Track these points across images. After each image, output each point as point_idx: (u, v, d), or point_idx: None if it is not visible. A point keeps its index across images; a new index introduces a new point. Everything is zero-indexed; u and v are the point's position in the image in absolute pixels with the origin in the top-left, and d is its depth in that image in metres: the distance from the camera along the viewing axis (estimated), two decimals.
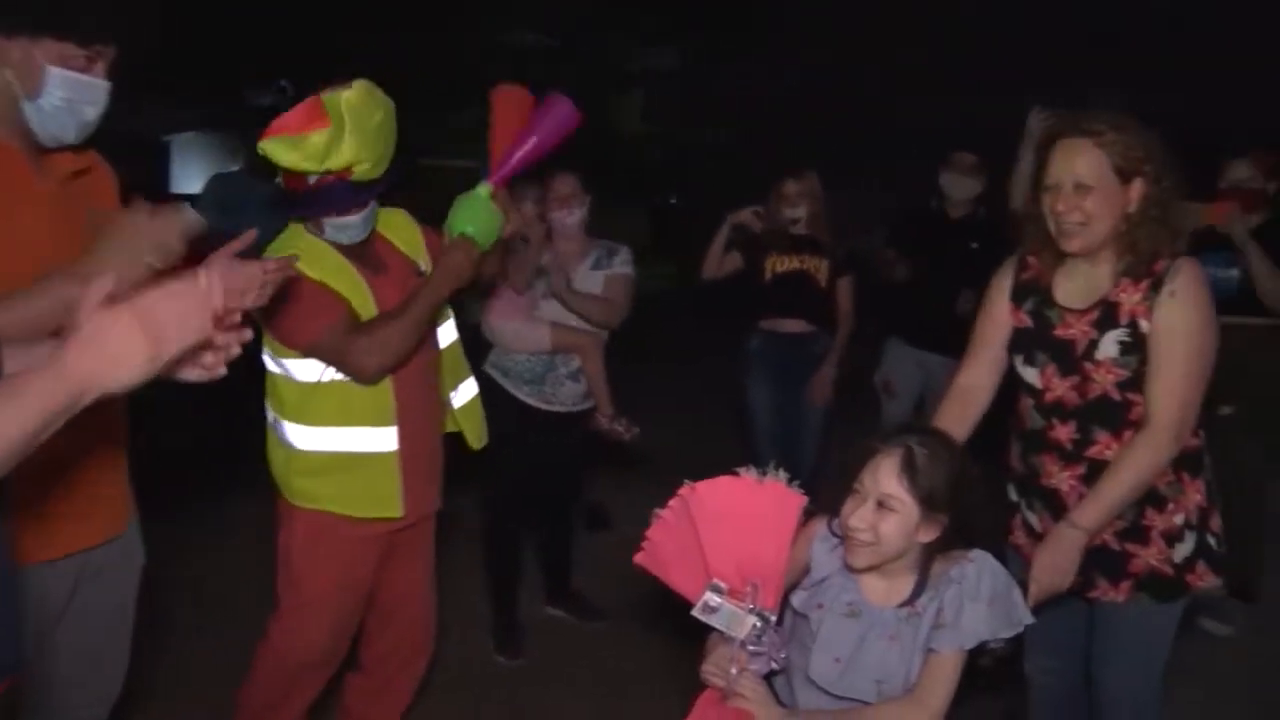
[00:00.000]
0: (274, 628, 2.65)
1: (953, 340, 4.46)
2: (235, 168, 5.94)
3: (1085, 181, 2.16)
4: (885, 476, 1.91)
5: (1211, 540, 2.31)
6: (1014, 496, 2.45)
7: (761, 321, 4.46)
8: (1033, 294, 2.35)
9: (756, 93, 13.27)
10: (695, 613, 1.92)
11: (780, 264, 4.38)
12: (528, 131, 2.64)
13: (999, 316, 2.40)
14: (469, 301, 3.76)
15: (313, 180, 2.36)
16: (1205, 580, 2.30)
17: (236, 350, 1.48)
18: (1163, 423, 2.16)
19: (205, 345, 1.38)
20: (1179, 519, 2.27)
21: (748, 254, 4.42)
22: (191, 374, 1.47)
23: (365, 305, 2.49)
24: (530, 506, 3.86)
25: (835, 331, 4.46)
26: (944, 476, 1.91)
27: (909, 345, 4.72)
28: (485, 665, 3.68)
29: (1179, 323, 2.16)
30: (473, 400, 2.86)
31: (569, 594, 4.08)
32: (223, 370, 1.48)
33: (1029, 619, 1.97)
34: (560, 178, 3.74)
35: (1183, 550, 2.27)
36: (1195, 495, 2.29)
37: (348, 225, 2.46)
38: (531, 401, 3.70)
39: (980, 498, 1.99)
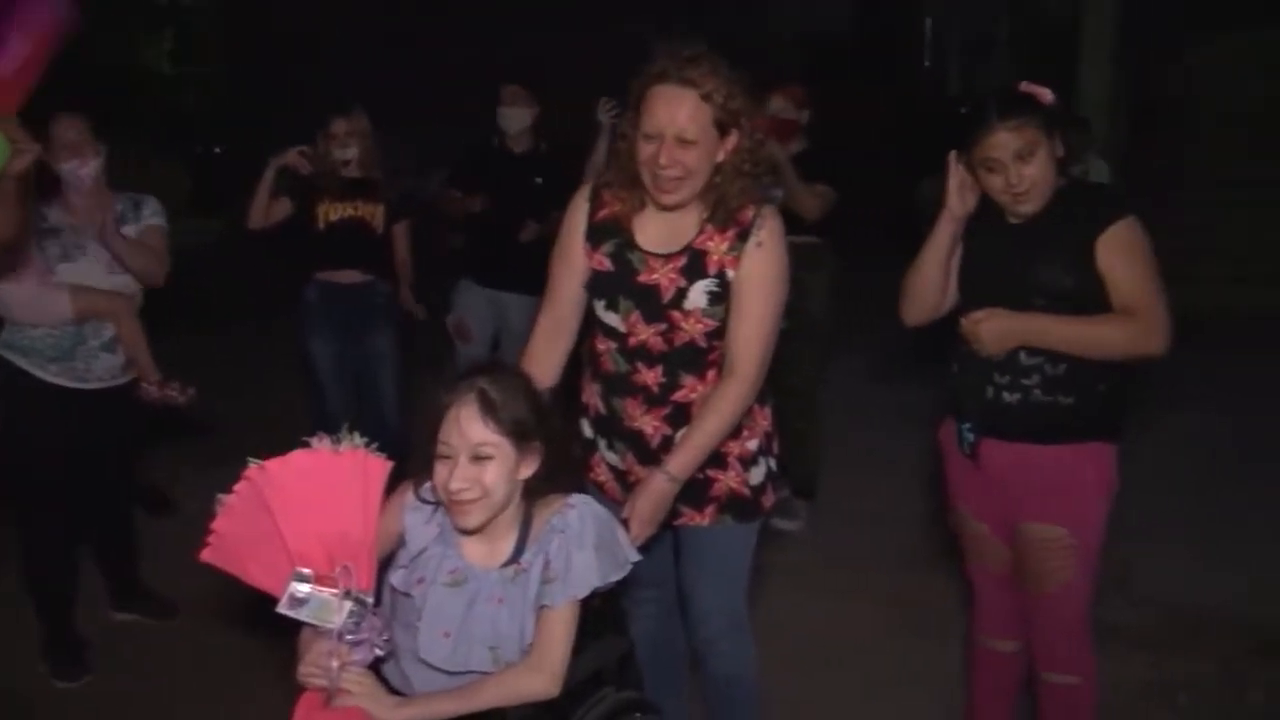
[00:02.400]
0: None
1: (523, 277, 4.56)
2: None
3: (688, 136, 2.09)
4: (469, 427, 1.81)
5: (773, 463, 2.42)
6: (589, 433, 2.42)
7: (317, 272, 4.21)
8: (612, 236, 2.26)
9: (297, 30, 12.60)
10: (281, 608, 1.72)
11: (333, 211, 4.15)
12: (4, 33, 2.19)
13: (574, 259, 2.31)
14: None
15: None
16: (770, 501, 2.43)
17: None
18: (747, 369, 2.19)
19: None
20: (752, 445, 2.34)
21: (298, 200, 4.13)
22: None
23: None
24: (77, 502, 3.38)
25: (394, 279, 4.31)
26: (525, 404, 1.85)
27: (479, 285, 4.68)
28: (42, 694, 3.20)
29: (764, 273, 2.18)
30: None
31: (138, 593, 3.65)
32: None
33: (636, 557, 1.96)
34: (64, 123, 3.23)
35: (757, 474, 2.36)
36: (764, 422, 2.37)
37: None
38: (61, 381, 3.22)
39: (561, 422, 1.97)
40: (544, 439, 1.88)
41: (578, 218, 2.31)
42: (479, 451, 1.81)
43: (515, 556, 1.89)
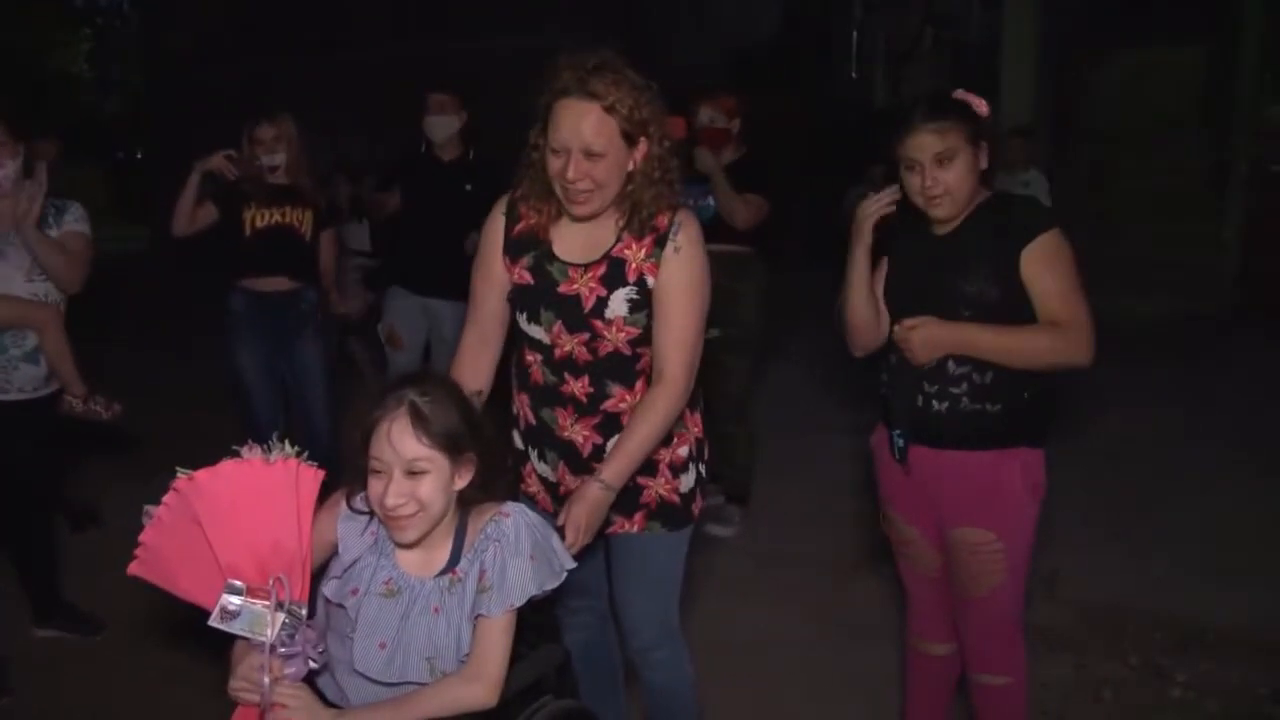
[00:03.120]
0: None
1: (453, 283, 4.54)
2: None
3: (595, 149, 2.07)
4: (401, 442, 1.78)
5: (703, 470, 2.40)
6: (521, 445, 2.39)
7: (243, 280, 4.15)
8: (531, 248, 2.24)
9: (218, 33, 12.39)
10: (213, 621, 1.68)
11: (261, 217, 4.08)
12: None
13: (495, 273, 2.29)
14: None
15: None
16: (700, 508, 2.40)
17: None
18: (676, 375, 2.18)
19: None
20: (683, 451, 2.32)
21: (224, 206, 4.06)
22: None
23: None
24: None
25: (320, 286, 4.27)
26: (456, 415, 1.83)
27: (411, 292, 4.64)
28: None
29: (685, 277, 2.17)
30: None
31: (60, 608, 3.55)
32: None
33: (571, 564, 1.95)
34: None
35: (687, 481, 2.34)
36: (694, 428, 2.36)
37: None
38: None
39: (493, 427, 1.95)
40: (477, 449, 1.86)
41: (495, 232, 2.29)
42: (413, 467, 1.79)
43: (451, 565, 1.87)
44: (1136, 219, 9.13)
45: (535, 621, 1.95)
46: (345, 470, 1.89)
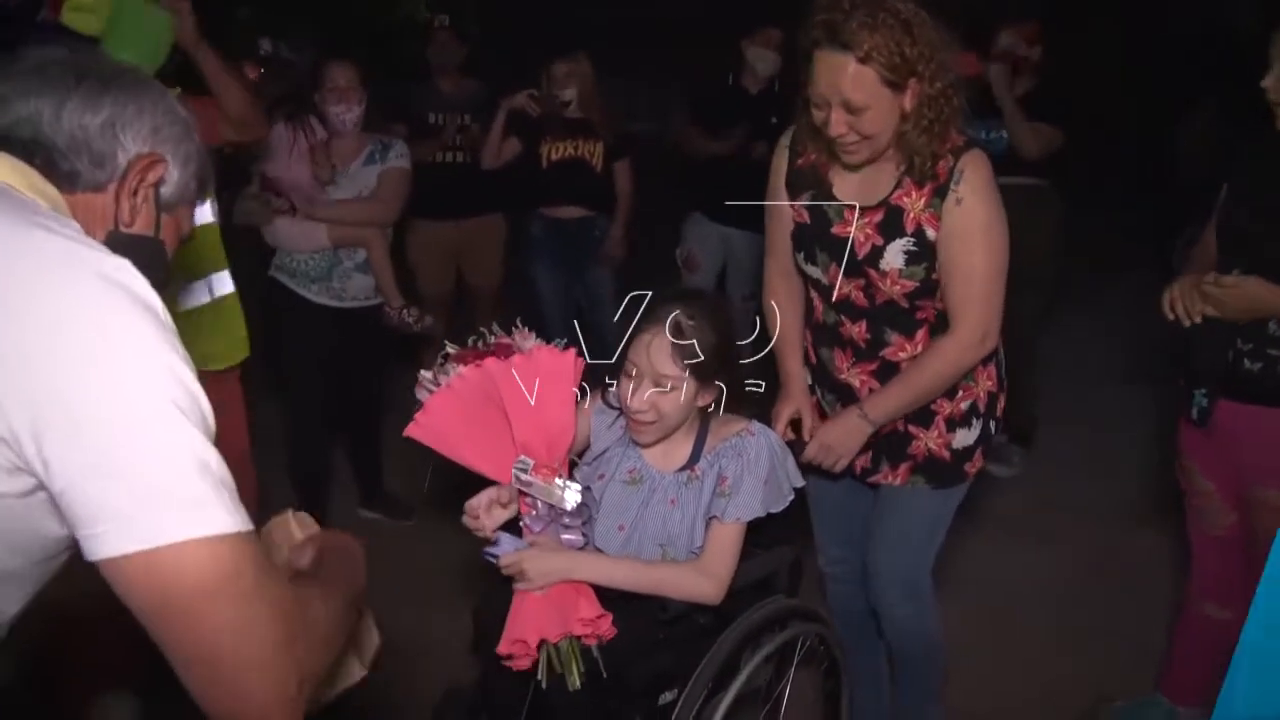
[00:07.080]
0: None
1: (752, 214, 4.60)
2: None
3: (854, 104, 1.92)
4: (657, 357, 1.90)
5: (993, 425, 2.27)
6: (809, 380, 2.36)
7: (541, 208, 4.43)
8: (810, 185, 2.15)
9: None
10: (515, 484, 1.87)
11: (556, 150, 4.33)
12: None
13: (781, 208, 2.22)
14: (245, 204, 3.62)
15: None
16: (978, 466, 2.26)
17: None
18: (970, 329, 2.06)
19: None
20: (965, 405, 2.20)
21: (525, 139, 4.34)
22: None
23: None
24: (334, 407, 3.77)
25: (613, 214, 4.45)
26: (712, 344, 1.91)
27: (711, 220, 4.75)
28: None
29: (971, 227, 2.01)
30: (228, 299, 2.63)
31: (382, 494, 4.01)
32: None
33: (799, 482, 2.03)
34: (337, 67, 3.55)
35: (964, 437, 2.22)
36: (987, 382, 2.22)
37: None
38: (322, 300, 3.59)
39: (742, 359, 2.03)
40: (726, 378, 1.96)
41: (779, 165, 2.23)
42: (661, 382, 1.91)
43: (690, 463, 2.01)
44: None
45: (771, 525, 2.04)
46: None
